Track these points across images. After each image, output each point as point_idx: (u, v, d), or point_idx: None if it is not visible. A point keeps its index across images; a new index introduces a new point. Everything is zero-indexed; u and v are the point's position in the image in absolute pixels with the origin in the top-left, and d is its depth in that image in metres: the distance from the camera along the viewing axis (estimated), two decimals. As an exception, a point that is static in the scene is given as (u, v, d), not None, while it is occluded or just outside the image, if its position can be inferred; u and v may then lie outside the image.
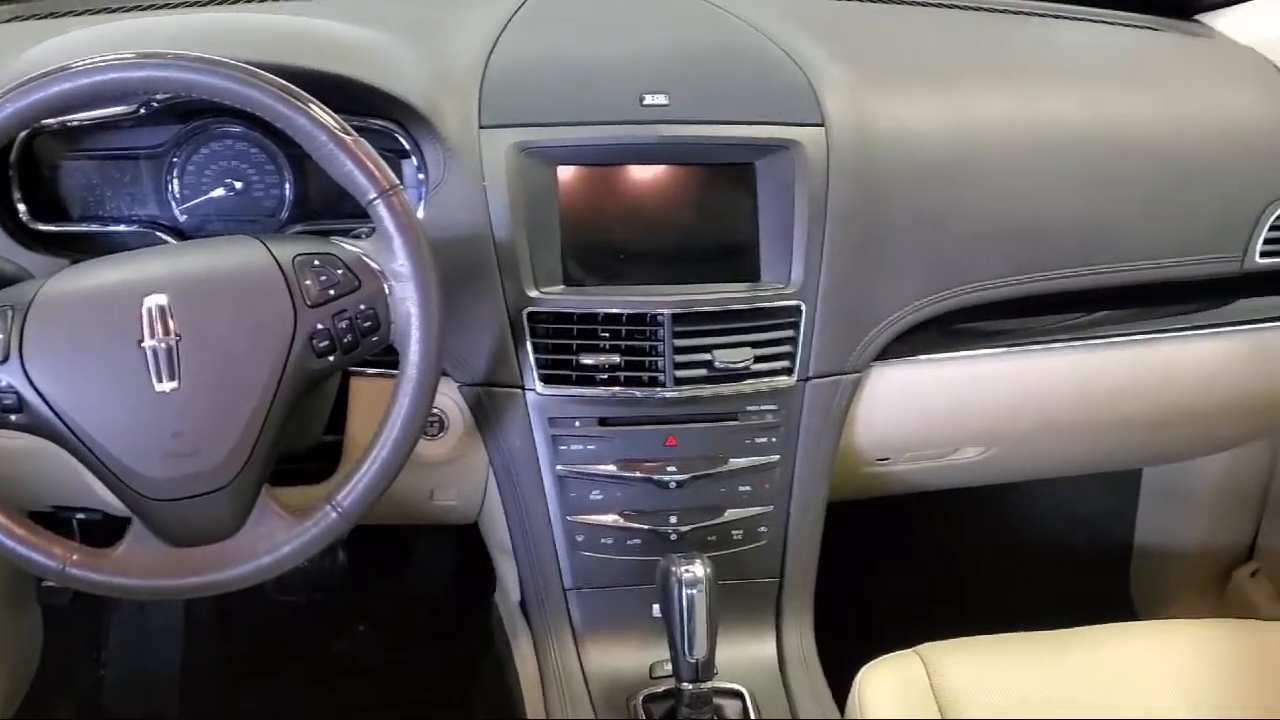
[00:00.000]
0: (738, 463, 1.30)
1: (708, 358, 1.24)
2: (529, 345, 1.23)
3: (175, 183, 1.28)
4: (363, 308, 1.04)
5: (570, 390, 1.24)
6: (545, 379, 1.24)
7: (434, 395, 1.06)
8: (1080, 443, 1.61)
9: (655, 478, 1.28)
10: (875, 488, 1.58)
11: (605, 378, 1.23)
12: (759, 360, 1.26)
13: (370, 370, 1.23)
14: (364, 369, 1.24)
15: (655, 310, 1.22)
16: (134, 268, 1.04)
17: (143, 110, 1.22)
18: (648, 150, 1.26)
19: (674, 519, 1.29)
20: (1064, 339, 1.40)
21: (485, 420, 1.28)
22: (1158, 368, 1.45)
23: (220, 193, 1.28)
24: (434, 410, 1.25)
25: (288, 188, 1.29)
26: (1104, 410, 1.49)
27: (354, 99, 1.20)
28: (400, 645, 1.98)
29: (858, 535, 1.69)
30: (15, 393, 1.00)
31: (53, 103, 0.99)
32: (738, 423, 1.29)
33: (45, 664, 1.83)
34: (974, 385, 1.41)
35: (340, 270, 1.04)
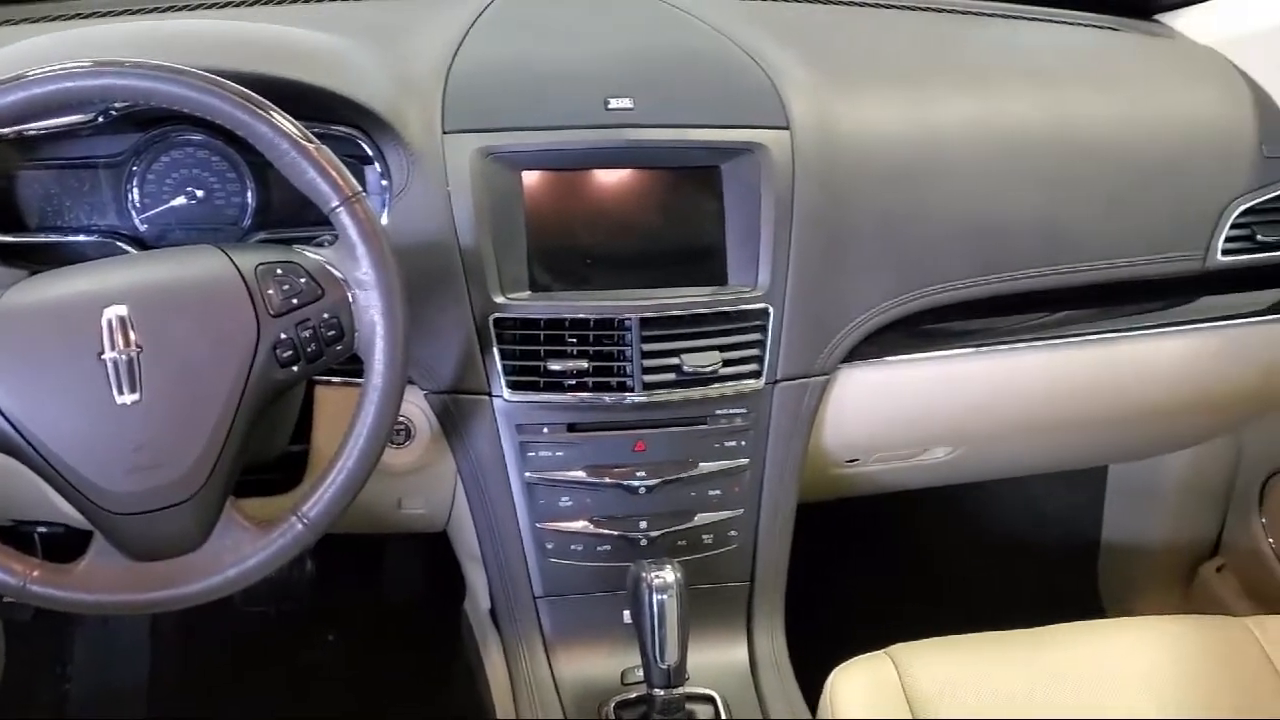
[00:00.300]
0: (707, 467, 1.30)
1: (676, 362, 1.24)
2: (496, 352, 1.22)
3: (135, 192, 1.26)
4: (326, 316, 1.04)
5: (538, 396, 1.24)
6: (513, 385, 1.23)
7: (400, 404, 1.05)
8: (1047, 441, 1.62)
9: (625, 483, 1.27)
10: (845, 489, 1.58)
11: (573, 383, 1.23)
12: (727, 364, 1.26)
13: (335, 379, 1.23)
14: (329, 378, 1.23)
15: (623, 315, 1.22)
16: (94, 278, 1.03)
17: (101, 118, 1.20)
18: (613, 154, 1.25)
19: (644, 524, 1.29)
20: (1030, 339, 1.41)
21: (453, 428, 1.27)
22: (1123, 366, 1.46)
23: (181, 201, 1.27)
24: (400, 418, 1.24)
25: (249, 196, 1.27)
26: (1071, 409, 1.49)
27: (316, 105, 1.19)
28: (370, 655, 1.96)
29: (828, 537, 1.70)
30: None
31: (9, 112, 0.98)
32: (707, 427, 1.29)
33: (7, 680, 1.80)
34: (942, 385, 1.42)
35: (303, 279, 1.04)
